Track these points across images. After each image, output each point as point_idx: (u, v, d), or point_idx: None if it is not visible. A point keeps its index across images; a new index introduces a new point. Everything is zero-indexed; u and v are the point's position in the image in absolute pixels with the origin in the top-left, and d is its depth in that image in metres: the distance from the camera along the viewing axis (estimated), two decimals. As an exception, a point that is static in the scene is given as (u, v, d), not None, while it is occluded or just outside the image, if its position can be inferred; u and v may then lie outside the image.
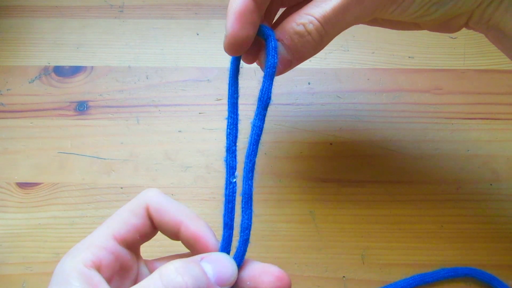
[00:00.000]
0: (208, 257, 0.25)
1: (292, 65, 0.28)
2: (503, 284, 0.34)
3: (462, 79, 0.43)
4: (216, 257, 0.25)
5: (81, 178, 0.39)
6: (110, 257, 0.25)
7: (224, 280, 0.24)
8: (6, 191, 0.39)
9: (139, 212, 0.26)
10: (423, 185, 0.38)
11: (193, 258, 0.24)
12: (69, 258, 0.25)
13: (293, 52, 0.27)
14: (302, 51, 0.27)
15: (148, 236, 0.27)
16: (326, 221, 0.37)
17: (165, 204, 0.26)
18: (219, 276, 0.24)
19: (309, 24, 0.26)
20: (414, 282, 0.34)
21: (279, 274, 0.26)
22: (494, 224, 0.37)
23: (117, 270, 0.26)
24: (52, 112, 0.42)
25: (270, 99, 0.27)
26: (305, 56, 0.27)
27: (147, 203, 0.26)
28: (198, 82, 0.43)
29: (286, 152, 0.40)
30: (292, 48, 0.27)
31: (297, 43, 0.26)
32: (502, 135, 0.40)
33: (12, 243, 0.37)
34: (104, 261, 0.25)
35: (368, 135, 0.41)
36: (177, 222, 0.26)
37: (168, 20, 0.46)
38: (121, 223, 0.26)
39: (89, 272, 0.24)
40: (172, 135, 0.41)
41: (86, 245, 0.25)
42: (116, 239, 0.26)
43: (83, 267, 0.24)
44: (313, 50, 0.27)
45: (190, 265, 0.23)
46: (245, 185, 0.26)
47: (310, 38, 0.26)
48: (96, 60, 0.44)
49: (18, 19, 0.47)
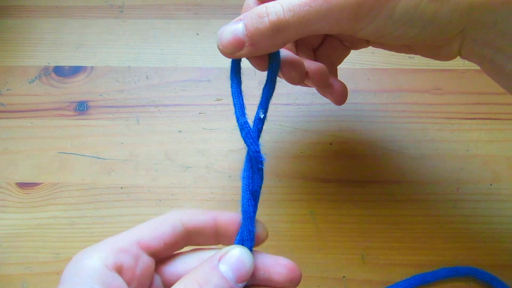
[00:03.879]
0: (225, 256, 0.25)
1: (245, 50, 0.26)
2: (503, 284, 0.34)
3: (462, 79, 0.43)
4: (233, 254, 0.25)
5: (81, 178, 0.39)
6: (132, 262, 0.25)
7: (242, 276, 0.25)
8: (6, 191, 0.39)
9: (169, 221, 0.27)
10: (423, 185, 0.38)
11: (212, 261, 0.25)
12: (86, 257, 0.24)
13: (248, 34, 0.26)
14: (255, 35, 0.25)
15: (174, 246, 0.27)
16: (326, 221, 0.37)
17: (194, 210, 0.28)
18: (238, 275, 0.25)
19: (272, 7, 0.25)
20: (415, 282, 0.34)
21: (291, 266, 0.27)
22: (494, 224, 0.37)
23: (137, 276, 0.25)
24: (52, 112, 0.42)
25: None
26: (259, 42, 0.26)
27: (179, 216, 0.27)
28: (198, 82, 0.43)
29: (286, 152, 0.40)
30: (247, 27, 0.26)
31: (254, 24, 0.25)
32: (502, 135, 0.40)
33: (12, 243, 0.37)
34: (125, 265, 0.25)
35: (368, 135, 0.41)
36: (212, 217, 0.27)
37: (168, 20, 0.46)
38: (148, 230, 0.26)
39: (110, 274, 0.24)
40: (172, 135, 0.41)
41: (107, 246, 0.25)
42: (140, 245, 0.26)
43: (104, 267, 0.24)
44: (267, 38, 0.25)
45: (211, 276, 0.24)
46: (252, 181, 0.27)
47: (266, 20, 0.25)
48: (96, 60, 0.44)
49: (18, 19, 0.47)
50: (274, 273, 0.27)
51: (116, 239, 0.25)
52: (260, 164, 0.27)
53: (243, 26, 0.26)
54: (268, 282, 0.27)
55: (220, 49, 0.27)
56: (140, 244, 0.26)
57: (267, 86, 0.28)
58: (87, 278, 0.23)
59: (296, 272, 0.27)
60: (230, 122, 0.41)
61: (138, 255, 0.25)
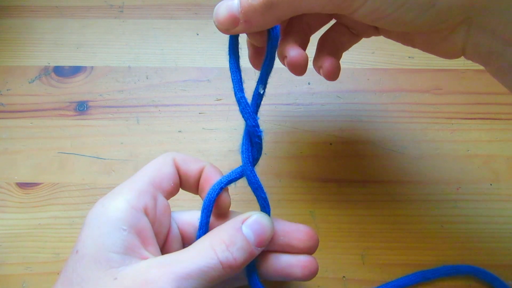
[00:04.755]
0: (248, 220, 0.26)
1: (240, 27, 0.27)
2: (503, 283, 0.34)
3: (462, 79, 0.43)
4: (255, 219, 0.26)
5: (81, 178, 0.39)
6: (152, 203, 0.26)
7: (263, 240, 0.26)
8: (6, 191, 0.39)
9: (169, 162, 0.28)
10: (423, 185, 0.38)
11: (236, 224, 0.26)
12: (111, 199, 0.25)
13: (242, 10, 0.26)
14: (249, 11, 0.26)
15: (176, 188, 0.29)
16: (326, 221, 0.37)
17: (188, 156, 0.29)
18: (259, 239, 0.26)
19: None
20: (416, 279, 0.34)
21: (309, 231, 0.29)
22: (494, 224, 0.37)
23: (158, 217, 0.26)
24: (52, 112, 0.42)
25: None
26: (252, 19, 0.26)
27: (174, 156, 0.28)
28: (198, 82, 0.43)
29: (286, 152, 0.40)
30: (241, 3, 0.26)
31: (246, 1, 0.26)
32: (502, 135, 0.40)
33: (12, 243, 0.37)
34: (148, 205, 0.25)
35: (368, 135, 0.41)
36: (200, 167, 0.28)
37: (168, 20, 0.46)
38: (156, 171, 0.27)
39: (137, 215, 0.24)
40: (172, 135, 0.41)
41: (129, 189, 0.25)
42: (154, 186, 0.26)
43: (131, 208, 0.24)
44: (261, 15, 0.26)
45: (236, 237, 0.25)
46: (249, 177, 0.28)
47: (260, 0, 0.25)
48: (96, 60, 0.45)
49: (18, 19, 0.47)
50: (293, 239, 0.28)
51: (133, 182, 0.26)
52: (258, 139, 0.27)
53: (238, 2, 0.26)
54: (288, 247, 0.28)
55: (216, 25, 0.27)
56: (154, 185, 0.26)
57: (266, 62, 0.28)
58: (115, 219, 0.24)
59: (314, 237, 0.29)
60: (230, 122, 0.41)
61: (155, 196, 0.26)
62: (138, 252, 0.24)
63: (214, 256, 0.23)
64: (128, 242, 0.23)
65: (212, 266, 0.23)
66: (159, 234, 0.27)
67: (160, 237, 0.27)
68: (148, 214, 0.25)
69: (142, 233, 0.24)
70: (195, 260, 0.23)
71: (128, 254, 0.23)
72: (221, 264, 0.23)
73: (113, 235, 0.23)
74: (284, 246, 0.28)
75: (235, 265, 0.24)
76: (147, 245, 0.25)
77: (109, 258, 0.23)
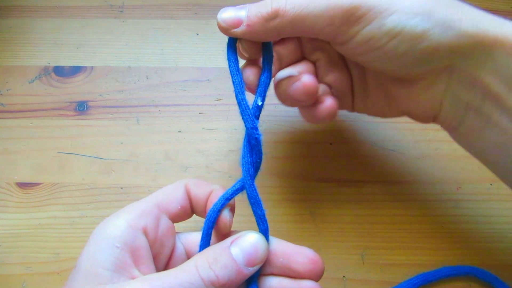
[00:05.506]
0: (237, 240, 0.25)
1: (240, 29, 0.28)
2: (504, 284, 0.34)
3: (462, 79, 0.43)
4: (245, 238, 0.26)
5: (81, 178, 0.39)
6: (154, 223, 0.26)
7: (254, 259, 0.25)
8: (6, 191, 0.39)
9: (180, 187, 0.28)
10: (423, 185, 0.38)
11: (224, 244, 0.25)
12: (113, 219, 0.26)
13: (248, 14, 0.28)
14: (255, 15, 0.27)
15: (186, 212, 0.29)
16: (326, 221, 0.37)
17: (200, 181, 0.29)
18: (248, 258, 0.25)
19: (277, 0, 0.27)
20: (418, 282, 0.34)
21: (313, 256, 0.27)
22: (494, 224, 0.37)
23: (159, 237, 0.27)
24: (52, 112, 0.42)
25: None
26: (255, 24, 0.27)
27: (186, 182, 0.29)
28: (198, 82, 0.43)
29: (286, 152, 0.40)
30: (250, 9, 0.28)
31: (257, 7, 0.28)
32: (502, 135, 0.40)
33: (12, 243, 0.37)
34: (149, 226, 0.26)
35: (368, 135, 0.41)
36: (210, 190, 0.28)
37: (168, 20, 0.46)
38: (165, 194, 0.28)
39: (135, 233, 0.25)
40: (172, 135, 0.41)
41: (132, 209, 0.26)
42: (160, 208, 0.27)
43: (129, 227, 0.25)
44: (264, 22, 0.27)
45: (221, 256, 0.24)
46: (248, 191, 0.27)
47: (269, 6, 0.27)
48: (96, 60, 0.44)
49: (18, 19, 0.47)
50: (294, 262, 0.27)
51: (138, 203, 0.27)
52: (255, 141, 0.27)
53: (246, 11, 0.28)
54: (288, 270, 0.27)
55: (217, 22, 0.28)
56: (159, 207, 0.27)
57: (264, 75, 0.29)
58: (111, 236, 0.24)
59: (317, 262, 0.27)
60: (230, 122, 0.41)
61: (158, 217, 0.27)
62: (128, 271, 0.24)
63: (196, 273, 0.23)
64: (120, 260, 0.24)
65: (193, 283, 0.23)
66: (160, 254, 0.27)
67: (162, 257, 0.27)
68: (148, 234, 0.26)
69: (136, 252, 0.25)
70: (178, 276, 0.23)
71: (118, 272, 0.24)
72: (203, 281, 0.23)
73: (106, 251, 0.24)
74: (283, 269, 0.27)
75: (218, 283, 0.24)
76: (140, 264, 0.25)
77: (98, 274, 0.23)
